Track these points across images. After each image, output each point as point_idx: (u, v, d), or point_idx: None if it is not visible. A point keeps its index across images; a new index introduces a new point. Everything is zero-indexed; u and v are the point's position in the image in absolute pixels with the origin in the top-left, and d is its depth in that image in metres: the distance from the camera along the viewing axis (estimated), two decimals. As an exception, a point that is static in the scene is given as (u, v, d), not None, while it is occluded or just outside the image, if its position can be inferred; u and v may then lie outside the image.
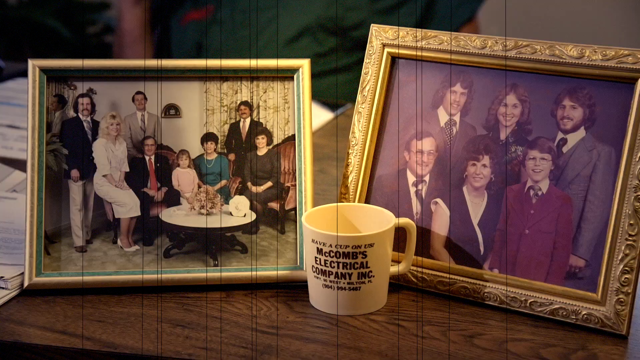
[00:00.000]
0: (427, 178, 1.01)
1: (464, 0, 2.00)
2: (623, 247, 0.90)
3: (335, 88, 1.93)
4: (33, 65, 1.02)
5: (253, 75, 1.05)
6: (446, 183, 1.00)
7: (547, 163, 0.95)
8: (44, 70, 1.02)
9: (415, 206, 1.01)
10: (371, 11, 1.97)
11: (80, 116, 1.03)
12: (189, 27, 2.03)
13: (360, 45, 1.96)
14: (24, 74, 1.78)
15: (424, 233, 1.00)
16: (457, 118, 1.00)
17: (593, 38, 2.86)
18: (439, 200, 1.00)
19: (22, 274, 0.99)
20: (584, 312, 0.91)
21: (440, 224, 1.00)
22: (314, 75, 1.06)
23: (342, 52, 1.99)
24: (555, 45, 0.94)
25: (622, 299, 0.90)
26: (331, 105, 1.65)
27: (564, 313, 0.92)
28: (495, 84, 0.98)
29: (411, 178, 1.02)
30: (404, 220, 0.97)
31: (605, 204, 0.92)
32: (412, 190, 1.02)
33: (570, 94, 0.94)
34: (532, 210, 0.95)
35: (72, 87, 1.03)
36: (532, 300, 0.94)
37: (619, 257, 0.90)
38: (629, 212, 0.90)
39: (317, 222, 0.96)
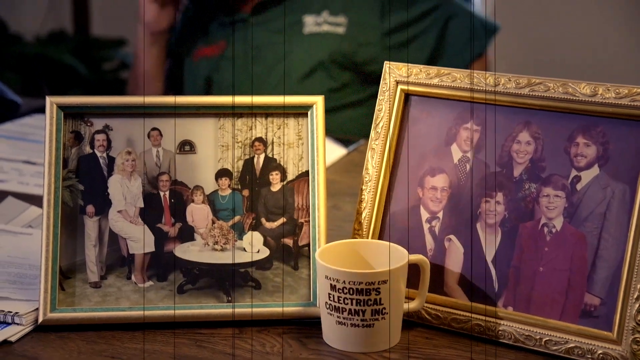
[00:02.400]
0: (440, 214, 1.01)
1: (474, 36, 2.01)
2: (639, 286, 0.89)
3: (348, 124, 1.94)
4: (50, 102, 1.03)
5: (267, 112, 1.06)
6: (460, 220, 1.00)
7: (561, 200, 0.95)
8: (61, 107, 1.03)
9: (429, 243, 1.01)
10: (383, 47, 1.98)
11: (96, 152, 1.04)
12: (200, 63, 2.05)
13: (373, 80, 1.98)
14: (40, 110, 1.81)
15: (438, 270, 1.00)
16: (470, 155, 1.00)
17: (606, 76, 2.86)
18: (452, 237, 1.00)
19: (37, 309, 0.99)
20: (599, 352, 0.91)
21: (454, 260, 1.00)
22: (328, 111, 1.06)
23: (355, 87, 2.00)
24: (569, 83, 0.95)
25: (638, 338, 0.89)
26: (344, 141, 1.66)
27: (580, 352, 0.92)
28: (508, 121, 0.98)
29: (425, 214, 1.02)
30: (417, 257, 0.97)
31: (620, 241, 0.91)
32: (426, 226, 1.02)
33: (584, 131, 0.94)
34: (546, 248, 0.95)
35: (88, 124, 1.04)
36: (547, 338, 0.93)
37: (635, 296, 0.89)
38: (644, 249, 0.89)
39: (330, 259, 0.96)
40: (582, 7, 2.96)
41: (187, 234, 1.03)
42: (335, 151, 1.60)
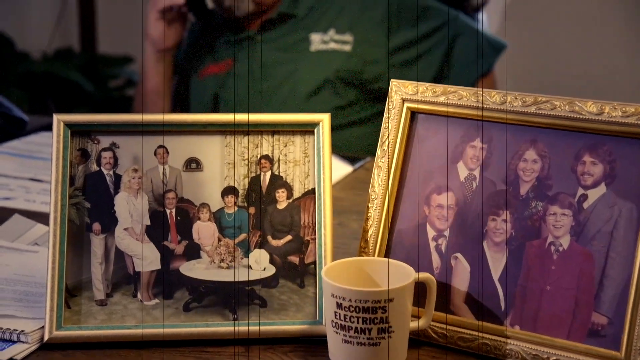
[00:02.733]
0: (447, 232, 1.01)
1: (480, 54, 2.02)
2: (646, 304, 0.89)
3: (354, 142, 1.94)
4: (58, 120, 1.03)
5: (274, 130, 1.06)
6: (466, 238, 1.00)
7: (567, 219, 0.94)
8: (68, 124, 1.04)
9: (436, 261, 1.01)
10: (389, 64, 1.99)
11: (103, 170, 1.04)
12: (207, 80, 2.06)
13: (379, 97, 1.99)
14: (46, 127, 1.81)
15: (444, 288, 1.00)
16: (476, 173, 1.00)
17: (613, 95, 2.87)
18: (459, 255, 1.00)
19: (43, 327, 0.99)
20: (607, 370, 0.90)
21: (461, 279, 0.99)
22: (334, 128, 1.07)
23: (361, 104, 2.00)
24: (575, 101, 0.95)
25: (646, 357, 0.88)
26: (350, 159, 1.66)
27: (587, 371, 0.91)
28: (515, 139, 0.98)
29: (431, 232, 1.02)
30: (424, 275, 0.97)
31: (627, 260, 0.91)
32: (432, 244, 1.02)
33: (591, 150, 0.94)
34: (553, 266, 0.95)
35: (95, 141, 1.04)
36: (555, 358, 0.93)
37: (642, 314, 0.89)
38: (652, 268, 0.89)
39: (336, 276, 0.96)
40: (588, 26, 2.97)
41: (193, 251, 1.03)
42: (341, 168, 1.60)
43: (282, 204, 1.05)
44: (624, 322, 0.90)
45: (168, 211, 1.04)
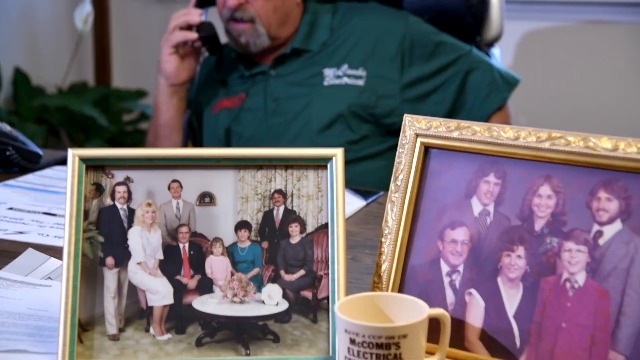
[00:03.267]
0: (461, 268, 1.01)
1: (494, 89, 2.02)
2: (664, 343, 0.88)
3: (367, 176, 1.94)
4: (73, 154, 1.04)
5: (287, 164, 1.06)
6: (480, 273, 0.99)
7: (583, 255, 0.94)
8: (83, 159, 1.04)
9: (449, 296, 1.01)
10: (402, 99, 1.99)
11: (117, 204, 1.04)
12: (220, 114, 2.07)
13: (392, 132, 1.99)
14: (60, 162, 1.83)
15: (458, 324, 0.99)
16: (491, 208, 1.00)
17: (627, 128, 2.86)
18: (473, 291, 0.99)
19: (55, 361, 0.99)
20: (624, 409, 0.89)
21: (475, 315, 0.99)
22: (347, 162, 1.07)
23: (374, 139, 2.00)
24: (589, 137, 0.94)
25: (664, 396, 0.87)
26: (363, 193, 1.66)
27: (604, 410, 0.90)
28: (529, 174, 0.98)
29: (445, 268, 1.02)
30: (437, 311, 0.96)
31: (644, 298, 0.90)
32: (446, 280, 1.01)
33: (605, 186, 0.94)
34: (568, 303, 0.94)
35: (109, 176, 1.05)
36: (571, 395, 0.92)
37: (660, 353, 0.88)
38: (669, 305, 0.88)
39: (350, 312, 0.95)
40: (602, 61, 2.97)
41: (206, 286, 1.03)
42: (354, 203, 1.60)
43: (295, 239, 1.05)
44: (641, 360, 0.89)
45: (181, 245, 1.04)
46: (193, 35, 1.99)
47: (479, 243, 1.00)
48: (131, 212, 1.04)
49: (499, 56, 2.25)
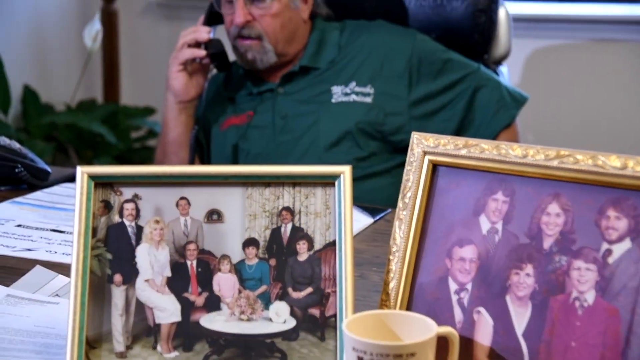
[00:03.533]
0: (469, 286, 1.00)
1: (502, 106, 2.02)
2: (674, 362, 0.87)
3: (375, 193, 1.94)
4: (82, 172, 1.04)
5: (295, 181, 1.06)
6: (489, 292, 0.99)
7: (592, 274, 0.93)
8: (92, 176, 1.04)
9: (458, 315, 1.00)
10: (410, 117, 1.99)
11: (125, 221, 1.04)
12: (228, 131, 2.07)
13: (400, 149, 1.99)
14: (69, 179, 1.83)
15: (467, 343, 0.98)
16: (499, 226, 1.00)
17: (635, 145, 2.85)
18: (481, 309, 0.99)
19: (62, 379, 0.98)
20: None
21: (484, 333, 0.98)
22: (354, 180, 1.07)
23: (382, 156, 2.00)
24: (598, 155, 0.94)
25: (674, 416, 0.87)
26: (370, 210, 1.66)
27: None
28: (537, 192, 0.98)
29: (453, 286, 1.01)
30: (446, 329, 0.96)
31: (654, 317, 0.89)
32: (454, 298, 1.01)
33: (614, 204, 0.93)
34: (578, 322, 0.93)
35: (118, 193, 1.05)
36: (580, 415, 0.91)
37: (670, 372, 0.87)
38: (679, 324, 0.88)
39: (358, 330, 0.95)
40: (610, 79, 2.97)
41: (213, 303, 1.03)
42: (361, 220, 1.60)
43: (303, 256, 1.05)
44: (652, 379, 0.88)
45: (189, 263, 1.04)
46: (201, 52, 2.00)
47: (487, 261, 1.00)
48: (139, 230, 1.04)
49: (507, 74, 2.25)
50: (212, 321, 1.02)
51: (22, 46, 3.28)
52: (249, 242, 1.05)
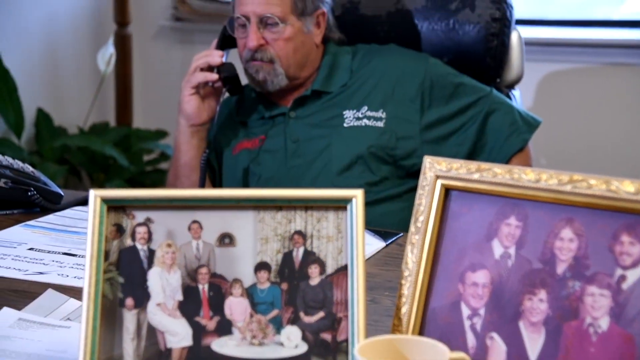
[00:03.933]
0: (482, 311, 1.00)
1: (514, 130, 2.02)
2: (689, 389, 0.86)
3: (387, 217, 1.93)
4: (95, 195, 1.04)
5: (307, 205, 1.06)
6: (502, 317, 0.98)
7: (606, 300, 0.93)
8: (105, 200, 1.04)
9: (470, 340, 0.99)
10: (422, 141, 1.99)
11: (137, 245, 1.04)
12: (240, 155, 2.07)
13: (412, 174, 1.99)
14: (81, 202, 1.83)
15: (480, 369, 0.98)
16: (512, 251, 0.99)
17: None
18: (494, 334, 0.98)
19: (73, 403, 0.98)
20: None
21: (497, 359, 0.97)
22: (366, 204, 1.06)
23: (394, 180, 2.00)
24: (612, 180, 0.94)
25: None
26: (382, 234, 1.65)
27: None
28: (550, 217, 0.97)
29: (466, 311, 1.01)
30: (458, 355, 0.95)
31: (669, 343, 0.89)
32: (467, 323, 1.00)
33: (629, 229, 0.93)
34: (592, 349, 0.92)
35: (130, 217, 1.05)
36: None
37: (686, 399, 0.86)
38: (694, 351, 0.87)
39: (370, 355, 0.94)
40: (623, 104, 2.97)
41: (225, 327, 1.03)
42: (373, 244, 1.59)
43: (314, 280, 1.04)
44: (668, 407, 0.87)
45: (200, 286, 1.04)
46: (214, 76, 2.01)
47: (500, 286, 0.99)
48: (151, 253, 1.04)
49: (519, 98, 2.25)
50: (223, 346, 1.02)
51: (36, 69, 3.30)
52: (261, 266, 1.04)
